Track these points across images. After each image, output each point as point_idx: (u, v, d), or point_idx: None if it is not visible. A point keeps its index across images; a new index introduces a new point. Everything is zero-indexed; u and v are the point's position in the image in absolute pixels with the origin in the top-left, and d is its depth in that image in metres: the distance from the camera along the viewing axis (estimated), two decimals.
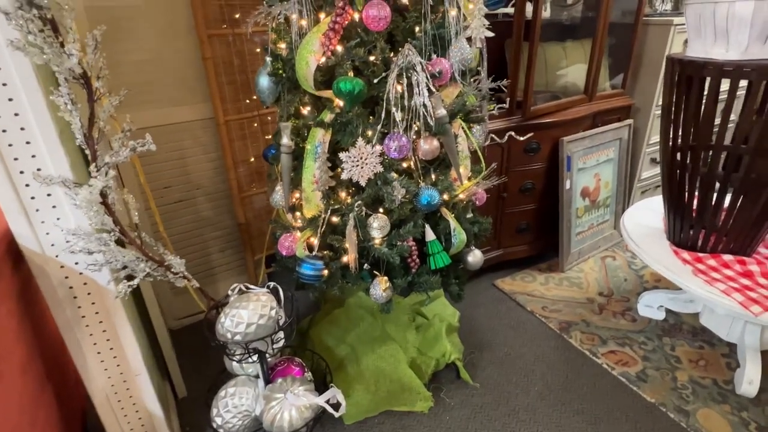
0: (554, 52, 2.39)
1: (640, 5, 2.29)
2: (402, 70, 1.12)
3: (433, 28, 1.19)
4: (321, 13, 1.19)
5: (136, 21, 1.68)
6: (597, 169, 2.44)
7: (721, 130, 1.47)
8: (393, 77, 1.12)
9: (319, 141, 1.28)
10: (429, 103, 1.11)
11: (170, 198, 1.97)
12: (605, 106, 2.39)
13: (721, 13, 1.33)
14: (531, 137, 2.15)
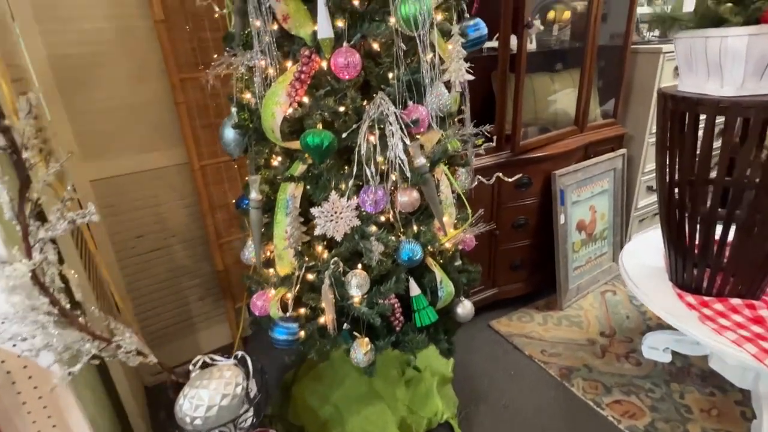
0: (542, 82, 2.33)
1: (628, 34, 2.24)
2: (374, 122, 1.04)
3: (407, 73, 1.11)
4: (287, 61, 1.12)
5: (104, 67, 1.61)
6: (592, 201, 2.35)
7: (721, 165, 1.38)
8: (364, 129, 1.03)
9: (290, 195, 1.19)
10: (404, 157, 1.02)
11: (143, 248, 1.86)
12: (597, 136, 2.32)
13: (713, 47, 1.26)
14: (522, 172, 2.07)
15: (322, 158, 1.06)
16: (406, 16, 0.97)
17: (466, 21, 1.23)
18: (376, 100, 1.06)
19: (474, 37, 1.23)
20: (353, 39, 1.05)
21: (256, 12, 1.02)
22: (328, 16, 1.01)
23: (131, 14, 1.60)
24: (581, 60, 2.15)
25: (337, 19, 1.04)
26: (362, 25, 1.04)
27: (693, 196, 1.46)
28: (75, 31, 1.53)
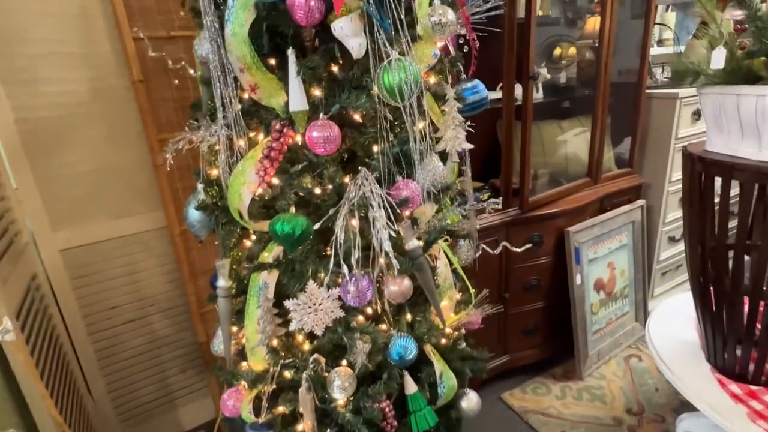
0: (551, 130, 2.19)
1: (641, 81, 2.11)
2: (354, 207, 0.88)
3: (395, 145, 0.97)
4: (259, 133, 0.98)
5: (77, 129, 1.50)
6: (610, 258, 2.16)
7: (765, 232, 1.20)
8: (343, 214, 0.88)
9: (263, 282, 1.03)
10: (389, 247, 0.86)
11: (119, 320, 1.71)
12: (613, 188, 2.15)
13: (748, 107, 1.10)
14: (532, 231, 1.90)
15: (293, 247, 0.90)
16: (390, 86, 0.84)
17: (463, 83, 1.09)
18: (357, 179, 0.91)
19: (472, 100, 1.09)
20: (331, 110, 0.92)
21: (220, 81, 0.90)
22: (302, 86, 0.88)
23: (108, 74, 1.50)
24: (592, 108, 2.01)
25: (314, 88, 0.91)
26: (341, 95, 0.91)
27: (734, 265, 1.27)
28: (45, 93, 1.43)
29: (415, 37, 0.92)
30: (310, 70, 0.86)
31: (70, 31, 1.44)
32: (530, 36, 1.60)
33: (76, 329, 1.62)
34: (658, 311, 1.73)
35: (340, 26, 0.82)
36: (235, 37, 0.81)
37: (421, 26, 0.92)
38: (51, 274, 1.54)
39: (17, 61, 1.37)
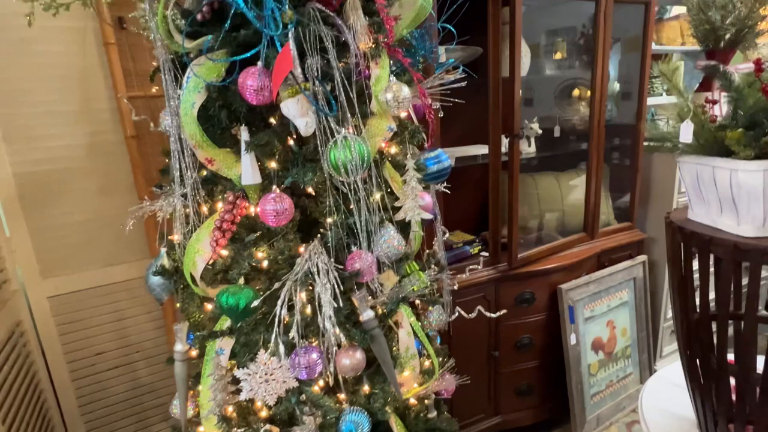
0: (548, 183, 2.16)
1: (638, 135, 2.08)
2: (298, 280, 0.88)
3: (351, 215, 0.97)
4: (218, 201, 1.00)
5: (71, 182, 1.57)
6: (609, 316, 2.07)
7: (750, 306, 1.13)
8: (287, 288, 0.88)
9: (220, 348, 1.03)
10: (330, 324, 0.85)
11: (103, 366, 1.72)
12: (611, 243, 2.09)
13: (723, 180, 1.07)
14: (523, 287, 1.85)
15: (238, 320, 0.90)
16: (335, 164, 0.85)
17: (425, 153, 1.10)
18: (305, 253, 0.91)
19: (436, 169, 1.09)
20: (285, 182, 0.93)
21: (179, 154, 0.93)
22: (254, 161, 0.90)
23: (104, 130, 1.58)
24: (587, 163, 1.98)
25: (268, 161, 0.93)
26: (293, 169, 0.92)
27: (718, 340, 1.19)
28: (44, 149, 1.51)
29: (366, 113, 0.93)
30: (260, 147, 0.88)
31: (71, 91, 1.53)
32: (514, 94, 1.61)
33: (60, 375, 1.65)
34: (653, 381, 1.63)
35: (287, 107, 0.84)
36: (184, 118, 0.84)
37: (376, 102, 0.94)
38: (38, 321, 1.58)
39: (19, 121, 1.45)
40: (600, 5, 1.77)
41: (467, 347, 1.81)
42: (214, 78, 0.86)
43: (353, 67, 0.88)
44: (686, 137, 1.06)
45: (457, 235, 1.99)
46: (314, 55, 0.84)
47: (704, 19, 2.30)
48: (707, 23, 2.30)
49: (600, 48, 1.83)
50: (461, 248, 1.89)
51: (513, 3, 1.52)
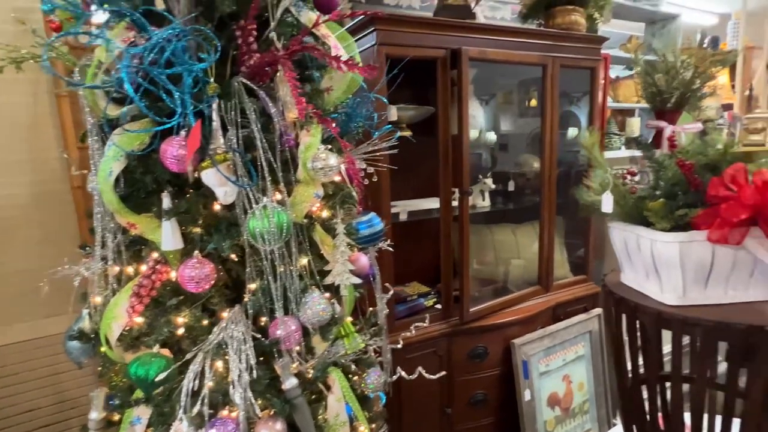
0: (504, 235, 2.20)
1: None
2: (209, 351, 0.86)
3: (275, 280, 0.97)
4: (141, 264, 0.99)
5: (14, 231, 1.54)
6: (565, 370, 2.06)
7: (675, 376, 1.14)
8: (200, 359, 0.86)
9: (137, 416, 0.99)
10: (239, 397, 0.83)
11: (35, 423, 1.63)
12: (566, 296, 2.11)
13: (646, 248, 1.10)
14: (476, 342, 1.84)
15: (149, 391, 0.87)
16: (253, 233, 0.85)
17: (358, 217, 1.12)
18: (222, 321, 0.90)
19: (367, 234, 1.10)
20: (207, 248, 0.93)
21: (101, 217, 0.92)
22: (174, 226, 0.90)
23: (51, 180, 1.57)
24: (539, 217, 2.02)
25: (191, 227, 0.93)
26: (215, 235, 0.92)
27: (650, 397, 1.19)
28: None
29: (291, 181, 0.95)
30: (180, 214, 0.89)
31: (21, 141, 1.52)
32: (463, 151, 1.65)
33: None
34: None
35: (206, 176, 0.85)
36: (102, 185, 0.84)
37: (303, 170, 0.96)
38: None
39: None
40: (546, 70, 1.86)
41: (419, 404, 1.77)
42: (136, 146, 0.87)
43: (278, 137, 0.90)
44: (607, 207, 1.10)
45: (413, 287, 1.99)
46: (235, 127, 0.86)
47: (651, 83, 2.44)
48: (654, 86, 2.44)
49: (548, 107, 1.91)
50: (416, 301, 1.89)
51: (460, 68, 1.60)
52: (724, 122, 3.28)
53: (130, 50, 0.74)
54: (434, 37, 1.60)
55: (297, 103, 0.80)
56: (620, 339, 1.21)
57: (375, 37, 1.49)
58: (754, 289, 1.07)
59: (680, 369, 1.04)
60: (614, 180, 1.09)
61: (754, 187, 0.95)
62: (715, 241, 0.98)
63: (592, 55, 2.02)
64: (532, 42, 1.81)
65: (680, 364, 1.04)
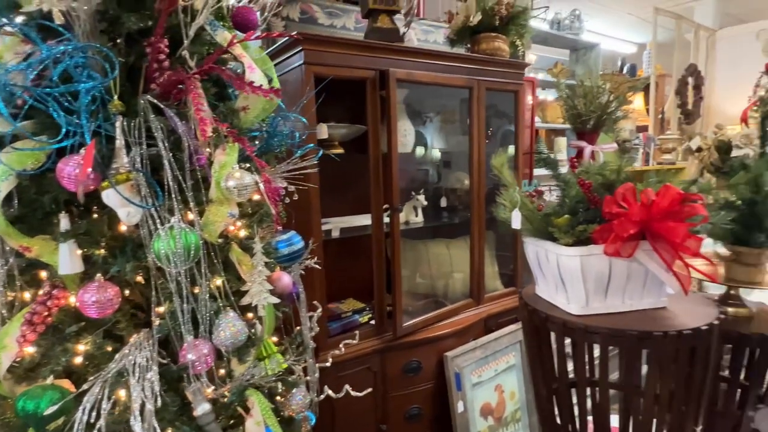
0: (438, 250, 2.26)
1: None
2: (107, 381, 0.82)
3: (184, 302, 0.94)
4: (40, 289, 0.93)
5: None
6: (497, 380, 2.13)
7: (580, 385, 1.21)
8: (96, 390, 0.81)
9: None
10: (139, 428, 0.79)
11: None
12: (497, 308, 2.19)
13: (553, 262, 1.17)
14: (409, 357, 1.86)
15: (39, 427, 0.81)
16: (158, 254, 0.83)
17: (278, 236, 1.11)
18: (125, 348, 0.86)
19: (286, 253, 1.10)
20: (111, 271, 0.89)
21: None
22: (72, 249, 0.85)
23: None
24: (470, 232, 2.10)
25: (94, 249, 0.89)
26: (120, 257, 0.89)
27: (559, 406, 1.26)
28: None
29: (206, 199, 0.94)
30: (80, 236, 0.84)
31: None
32: (392, 169, 1.69)
33: None
34: None
35: (106, 197, 0.82)
36: None
37: (217, 189, 0.95)
38: None
39: None
40: (473, 92, 1.96)
41: (353, 422, 1.76)
42: (30, 165, 0.82)
43: (188, 156, 0.89)
44: (516, 224, 1.17)
45: (348, 303, 1.99)
46: (139, 146, 0.83)
47: (572, 105, 2.63)
48: (574, 109, 2.62)
49: (475, 127, 2.00)
50: (350, 317, 1.89)
51: (387, 88, 1.64)
52: (639, 143, 3.58)
53: (6, 67, 0.70)
54: (363, 59, 1.64)
55: (200, 122, 0.79)
56: (535, 349, 1.27)
57: (303, 57, 1.51)
58: (647, 297, 1.17)
59: (584, 374, 1.11)
60: (522, 198, 1.16)
61: (641, 205, 1.04)
62: (610, 255, 1.07)
63: (515, 79, 2.14)
64: (459, 65, 1.90)
65: (584, 371, 1.11)
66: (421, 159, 2.40)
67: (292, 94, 1.59)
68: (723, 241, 1.37)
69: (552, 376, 1.24)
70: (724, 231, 1.32)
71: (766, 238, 1.29)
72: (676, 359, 1.05)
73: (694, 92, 4.51)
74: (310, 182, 1.56)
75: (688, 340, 1.03)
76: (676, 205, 1.03)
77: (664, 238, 1.04)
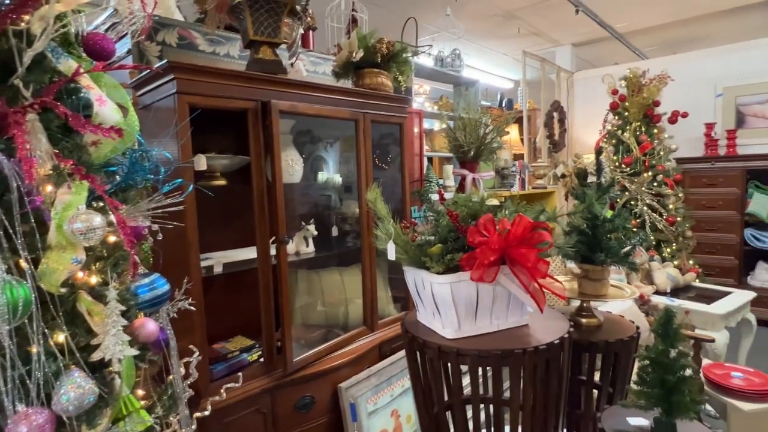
0: (331, 279, 2.25)
1: None
2: None
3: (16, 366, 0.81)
4: None
5: None
6: (393, 405, 2.15)
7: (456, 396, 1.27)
8: None
9: None
10: None
11: None
12: (391, 333, 2.23)
13: (428, 289, 1.23)
14: (302, 393, 1.81)
15: None
16: None
17: (139, 280, 1.02)
18: None
19: (149, 298, 1.01)
20: None
21: None
22: None
23: None
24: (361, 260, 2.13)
25: None
26: None
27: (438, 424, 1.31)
28: None
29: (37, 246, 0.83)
30: None
31: None
32: (277, 201, 1.67)
33: None
34: None
35: None
36: None
37: (59, 233, 0.85)
38: None
39: None
40: (359, 125, 2.02)
41: None
42: None
43: (16, 198, 0.78)
44: (392, 255, 1.22)
45: (236, 342, 1.89)
46: None
47: (453, 137, 2.83)
48: (455, 140, 2.83)
49: (362, 158, 2.06)
50: (237, 357, 1.79)
51: (270, 120, 1.63)
52: (516, 170, 3.97)
53: None
54: (243, 89, 1.61)
55: (24, 162, 0.71)
56: (416, 374, 1.31)
57: (175, 86, 1.44)
58: (512, 317, 1.28)
59: (461, 396, 1.17)
60: (397, 230, 1.22)
61: (499, 234, 1.15)
62: (476, 280, 1.15)
63: (400, 112, 2.26)
64: (344, 98, 1.96)
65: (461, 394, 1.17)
66: (322, 185, 2.40)
67: (166, 123, 1.50)
68: (574, 260, 1.55)
69: (432, 401, 1.28)
70: (574, 252, 1.50)
71: (606, 256, 1.49)
72: (535, 371, 1.15)
73: (559, 125, 5.15)
74: (187, 217, 1.47)
75: (544, 354, 1.15)
76: (528, 233, 1.15)
77: (519, 263, 1.15)
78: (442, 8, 3.78)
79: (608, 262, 1.48)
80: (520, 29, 5.00)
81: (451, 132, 2.79)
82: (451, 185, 3.49)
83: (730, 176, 4.23)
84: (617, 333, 1.49)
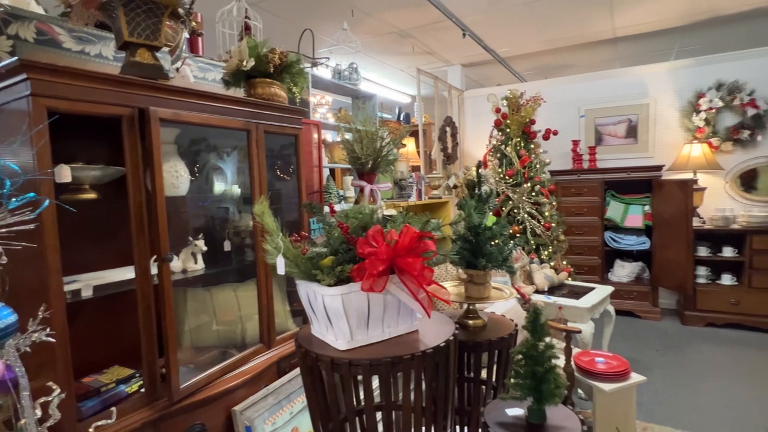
0: (225, 296, 2.13)
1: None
2: None
3: None
4: None
5: None
6: (293, 423, 2.09)
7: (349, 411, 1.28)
8: None
9: None
10: None
11: None
12: (289, 348, 2.17)
13: (320, 302, 1.23)
14: (192, 420, 1.68)
15: None
16: None
17: None
18: None
19: None
20: None
21: None
22: None
23: None
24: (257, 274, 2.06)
25: None
26: None
27: None
28: None
29: None
30: None
31: None
32: (158, 215, 1.54)
33: None
34: None
35: None
36: None
37: None
38: None
39: None
40: (251, 135, 1.96)
41: None
42: None
43: None
44: (281, 270, 1.20)
45: (112, 373, 1.69)
46: None
47: (351, 149, 2.87)
48: (353, 152, 2.87)
49: (255, 169, 2.00)
50: (113, 390, 1.60)
51: (148, 128, 1.51)
52: (413, 181, 4.15)
53: None
54: (117, 94, 1.47)
55: None
56: (310, 389, 1.29)
57: (29, 87, 1.27)
58: (402, 324, 1.32)
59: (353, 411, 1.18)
60: (286, 243, 1.20)
61: (387, 244, 1.18)
62: (366, 290, 1.18)
63: (295, 123, 2.23)
64: (235, 108, 1.89)
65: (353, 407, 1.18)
66: (219, 197, 2.27)
67: (19, 129, 1.31)
68: (460, 266, 1.66)
69: (328, 415, 1.28)
70: (459, 258, 1.61)
71: (487, 261, 1.62)
72: (425, 374, 1.21)
73: (452, 139, 5.50)
74: (46, 236, 1.30)
75: (431, 357, 1.21)
76: (414, 243, 1.21)
77: (407, 271, 1.20)
78: (339, 22, 3.84)
79: (489, 266, 1.60)
80: (414, 47, 5.27)
81: (348, 144, 2.83)
82: (351, 196, 3.53)
83: (592, 186, 4.86)
84: (499, 331, 1.61)
